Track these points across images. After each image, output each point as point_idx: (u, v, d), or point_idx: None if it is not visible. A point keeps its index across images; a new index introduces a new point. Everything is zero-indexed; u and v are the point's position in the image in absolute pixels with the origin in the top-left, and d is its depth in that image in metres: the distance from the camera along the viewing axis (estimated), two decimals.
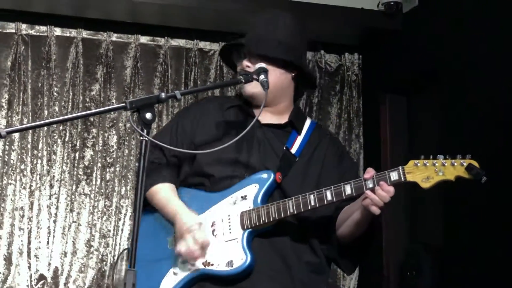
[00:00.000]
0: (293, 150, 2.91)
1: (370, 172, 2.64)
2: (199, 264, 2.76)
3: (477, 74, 4.20)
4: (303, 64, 2.87)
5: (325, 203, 2.70)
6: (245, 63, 2.87)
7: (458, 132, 4.25)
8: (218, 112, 2.93)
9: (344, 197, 2.67)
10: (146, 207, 2.90)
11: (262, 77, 2.73)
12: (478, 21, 4.23)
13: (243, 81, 2.78)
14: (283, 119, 2.95)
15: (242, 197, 2.81)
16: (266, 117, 2.93)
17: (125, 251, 3.02)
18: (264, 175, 2.81)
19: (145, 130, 2.52)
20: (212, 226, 2.81)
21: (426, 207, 4.82)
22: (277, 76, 2.85)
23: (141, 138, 2.50)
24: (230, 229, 2.79)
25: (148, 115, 2.53)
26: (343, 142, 5.28)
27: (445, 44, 4.49)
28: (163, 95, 2.59)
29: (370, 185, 2.62)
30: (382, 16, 4.92)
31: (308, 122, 3.00)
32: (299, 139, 2.94)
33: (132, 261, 2.47)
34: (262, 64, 2.77)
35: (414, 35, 4.83)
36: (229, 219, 2.81)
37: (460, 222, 4.28)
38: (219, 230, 2.80)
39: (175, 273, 2.77)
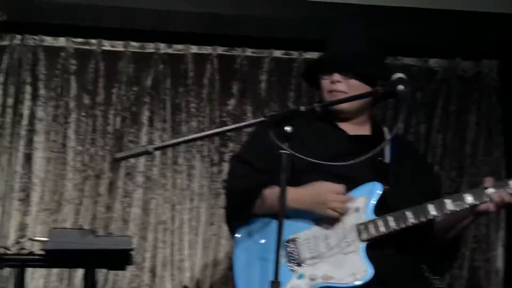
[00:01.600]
0: (386, 160, 2.92)
1: (490, 181, 2.74)
2: (319, 279, 2.76)
3: None
4: (388, 78, 2.83)
5: (447, 211, 2.74)
6: (336, 77, 2.90)
7: None
8: (304, 125, 2.92)
9: (467, 206, 2.74)
10: (244, 226, 2.94)
11: (401, 87, 2.72)
12: None
13: (382, 91, 2.79)
14: (366, 130, 2.98)
15: (354, 209, 2.81)
16: (350, 129, 2.96)
17: None
18: (374, 187, 2.82)
19: (285, 144, 2.56)
20: (325, 239, 2.82)
21: None
22: (363, 91, 2.89)
23: (282, 151, 2.54)
24: (347, 241, 2.79)
25: (288, 129, 2.57)
26: (482, 151, 5.14)
27: None
28: (302, 108, 2.63)
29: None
30: None
31: (386, 131, 3.03)
32: (387, 149, 2.94)
33: (276, 272, 2.50)
34: (401, 75, 2.76)
35: None
36: (344, 231, 2.80)
37: None
38: (334, 243, 2.80)
39: None
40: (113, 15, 4.75)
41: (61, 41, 4.93)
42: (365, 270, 2.74)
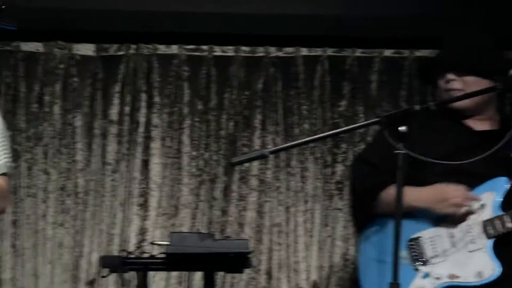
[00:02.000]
0: None
1: None
2: (444, 278, 2.72)
3: None
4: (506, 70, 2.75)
5: None
6: (450, 76, 2.85)
7: None
8: (423, 124, 2.88)
9: None
10: (370, 226, 2.92)
11: None
12: None
13: (501, 87, 2.74)
14: (493, 125, 2.92)
15: (479, 206, 2.76)
16: (476, 124, 2.90)
17: None
18: (500, 182, 2.77)
19: (401, 143, 2.54)
20: (450, 237, 2.77)
21: None
22: (480, 86, 2.80)
23: (397, 151, 2.53)
24: (472, 239, 2.74)
25: (403, 128, 2.55)
26: None
27: None
28: (416, 107, 2.61)
29: None
30: None
31: None
32: None
33: (394, 274, 2.49)
34: None
35: None
36: (469, 228, 2.76)
37: None
38: (459, 240, 2.76)
39: None
40: (223, 21, 4.83)
41: (174, 49, 5.05)
42: (492, 268, 2.69)
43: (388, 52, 5.06)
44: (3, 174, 2.72)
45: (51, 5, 4.63)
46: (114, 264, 3.34)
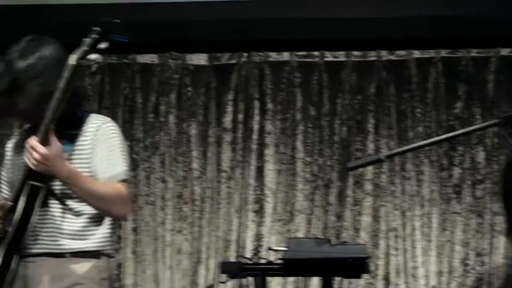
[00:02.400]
0: None
1: None
2: None
3: None
4: None
5: None
6: None
7: None
8: None
9: None
10: None
11: None
12: None
13: None
14: None
15: None
16: None
17: None
18: None
19: None
20: None
21: None
22: None
23: None
24: None
25: None
26: None
27: None
28: None
29: None
30: None
31: None
32: None
33: None
34: None
35: None
36: None
37: None
38: None
39: None
40: (333, 26, 4.82)
41: (285, 56, 5.08)
42: None
43: (505, 51, 4.93)
44: (123, 181, 2.79)
45: (165, 18, 4.74)
46: (233, 270, 3.39)
